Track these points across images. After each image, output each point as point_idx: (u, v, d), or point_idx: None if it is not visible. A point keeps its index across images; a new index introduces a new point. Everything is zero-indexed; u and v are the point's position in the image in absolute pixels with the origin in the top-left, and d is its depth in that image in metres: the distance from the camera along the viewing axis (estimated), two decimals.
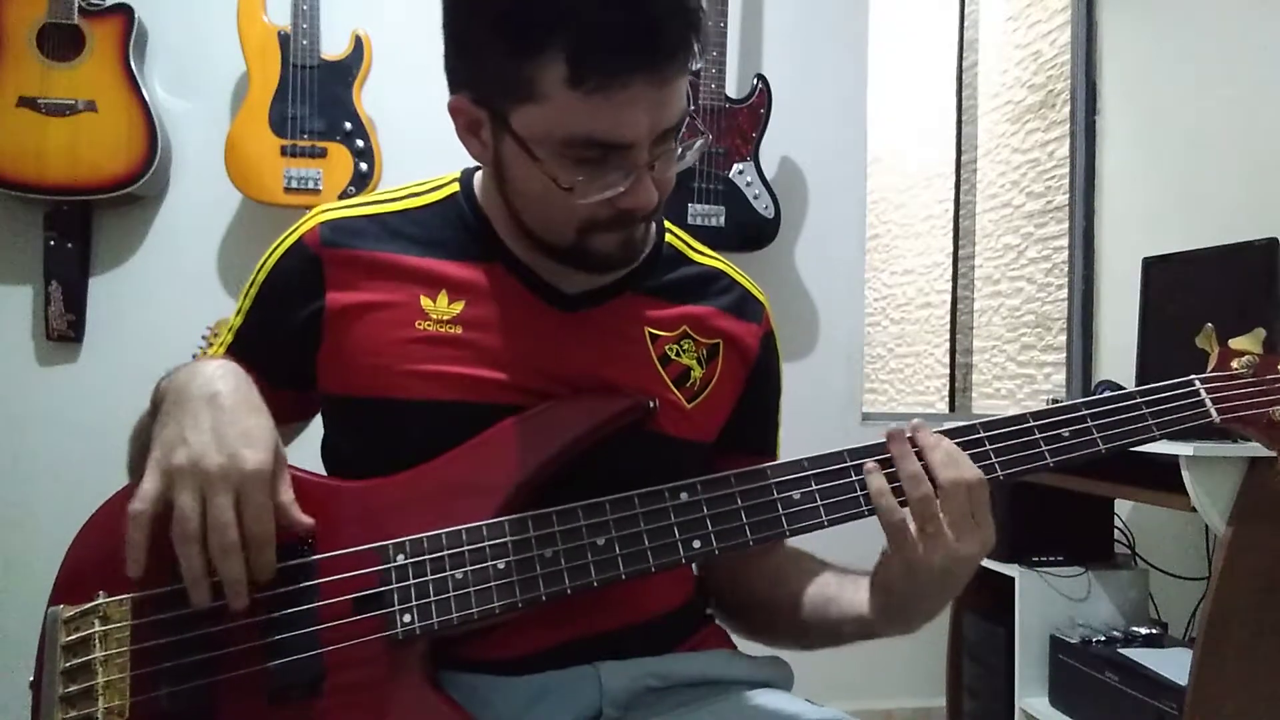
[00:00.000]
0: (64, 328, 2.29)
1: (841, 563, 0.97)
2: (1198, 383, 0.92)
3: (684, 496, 0.84)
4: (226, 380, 0.82)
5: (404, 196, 0.97)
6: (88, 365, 2.32)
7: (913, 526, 0.80)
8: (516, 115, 0.81)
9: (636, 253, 0.90)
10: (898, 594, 0.84)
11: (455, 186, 0.97)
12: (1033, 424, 0.88)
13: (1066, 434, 0.88)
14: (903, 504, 0.81)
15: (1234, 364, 0.94)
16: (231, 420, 0.79)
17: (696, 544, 0.83)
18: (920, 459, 0.82)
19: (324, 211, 0.94)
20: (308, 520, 0.80)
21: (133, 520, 0.75)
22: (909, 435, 0.83)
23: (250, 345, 0.94)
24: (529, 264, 0.92)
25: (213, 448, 0.77)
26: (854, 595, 0.89)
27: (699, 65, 2.40)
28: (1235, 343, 0.95)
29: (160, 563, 0.77)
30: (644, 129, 0.79)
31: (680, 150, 0.85)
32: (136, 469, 0.88)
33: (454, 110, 0.87)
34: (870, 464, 0.83)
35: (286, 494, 0.80)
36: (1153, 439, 0.90)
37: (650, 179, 0.83)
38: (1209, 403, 0.91)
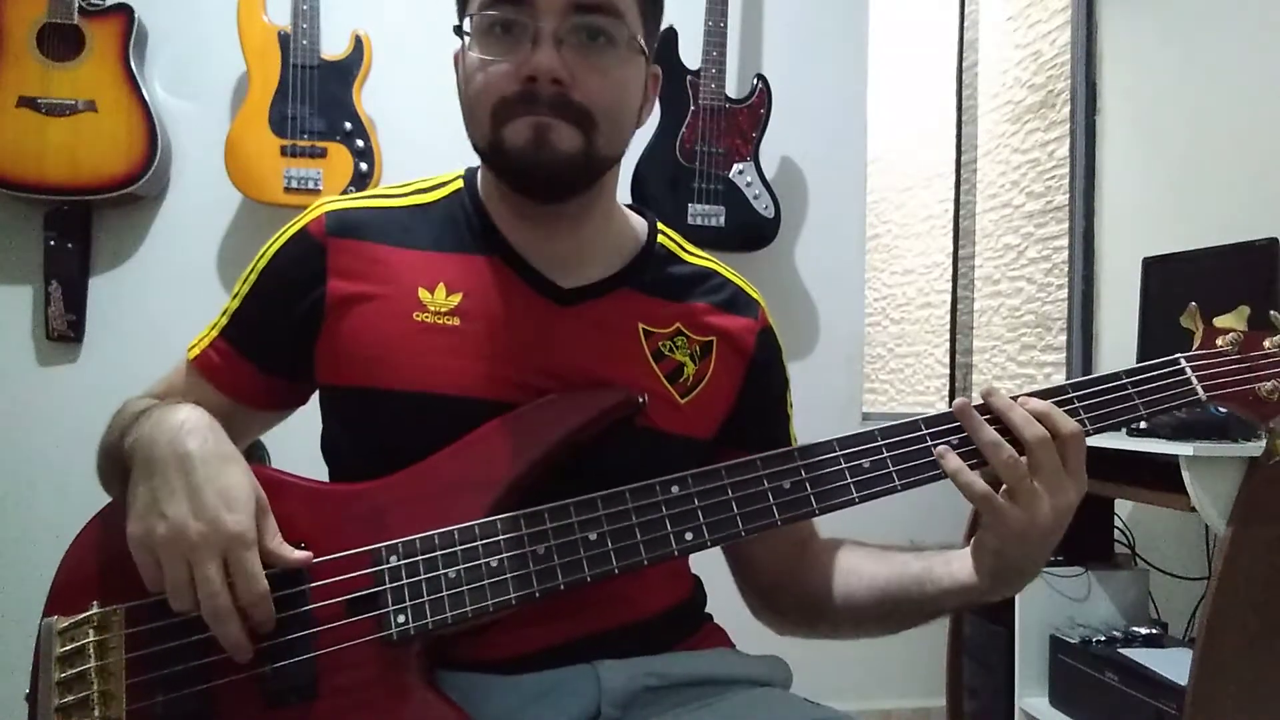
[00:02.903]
0: (64, 328, 2.29)
1: (885, 542, 0.99)
2: (1183, 361, 0.93)
3: (675, 490, 0.84)
4: (194, 435, 0.81)
5: (408, 193, 0.98)
6: (88, 365, 2.32)
7: (1002, 494, 0.82)
8: (464, 20, 0.89)
9: (556, 155, 0.86)
10: (1009, 557, 0.85)
11: (459, 184, 0.98)
12: None
13: None
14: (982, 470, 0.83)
15: (1219, 341, 0.95)
16: (206, 480, 0.78)
17: (689, 536, 0.83)
18: (996, 425, 0.83)
19: (328, 203, 0.95)
20: (303, 557, 0.80)
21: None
22: (979, 404, 0.85)
23: (246, 329, 0.95)
24: (527, 257, 0.93)
25: (190, 515, 0.76)
26: (948, 568, 0.90)
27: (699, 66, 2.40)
28: (1220, 321, 0.96)
29: None
30: None
31: (610, 32, 0.86)
32: (106, 486, 0.89)
33: (455, 62, 0.92)
34: (942, 448, 0.85)
35: (274, 540, 0.80)
36: (1139, 418, 0.90)
37: (558, 52, 0.84)
38: (1195, 380, 0.92)
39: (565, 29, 0.85)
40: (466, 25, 0.88)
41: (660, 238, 1.00)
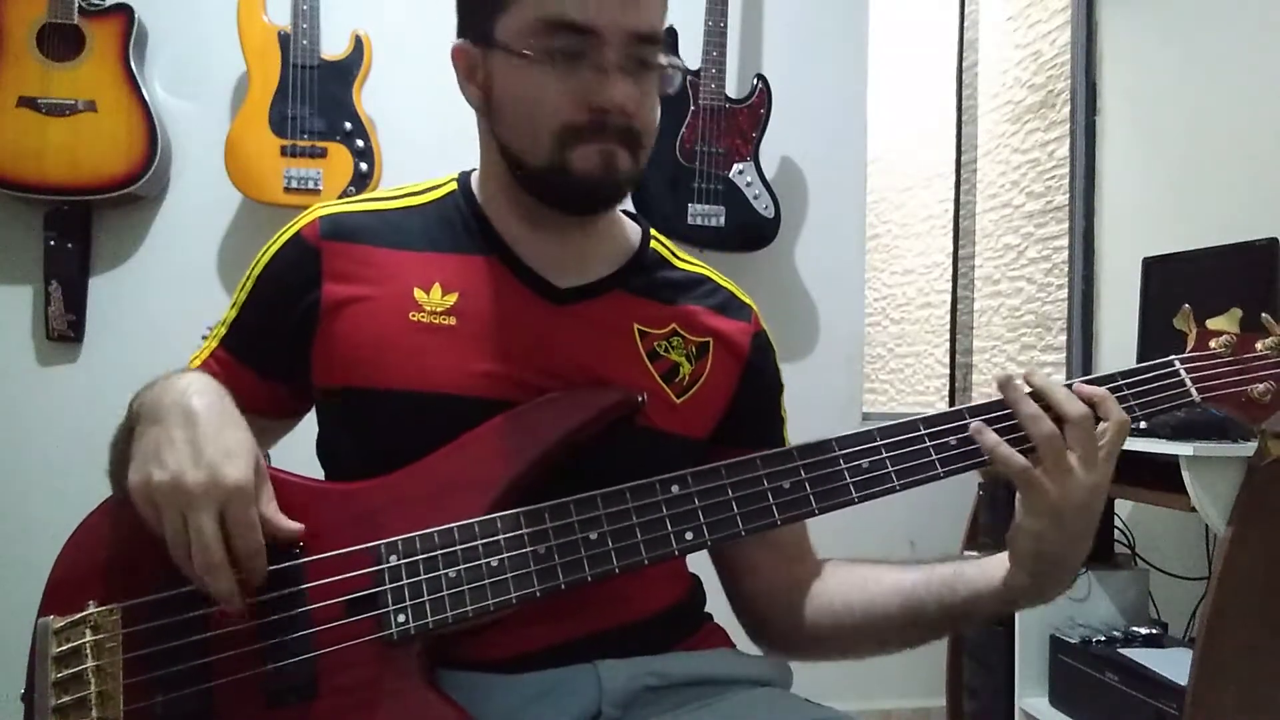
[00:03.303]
0: (64, 328, 2.29)
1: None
2: (1177, 363, 0.93)
3: (675, 489, 0.84)
4: (201, 395, 0.82)
5: (402, 196, 0.98)
6: (88, 365, 2.33)
7: (1042, 469, 0.82)
8: (499, 29, 0.87)
9: (617, 178, 0.88)
10: (1049, 541, 0.84)
11: (453, 185, 0.99)
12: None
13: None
14: (1024, 451, 0.83)
15: (1212, 344, 0.95)
16: (207, 435, 0.78)
17: (689, 535, 0.83)
18: (1038, 401, 0.84)
19: (322, 208, 0.96)
20: (295, 527, 0.80)
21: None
22: (1021, 380, 0.85)
23: (246, 336, 0.95)
24: (523, 257, 0.93)
25: (190, 465, 0.76)
26: (981, 567, 0.90)
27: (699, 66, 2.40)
28: (1212, 323, 0.96)
29: (150, 570, 0.78)
30: (611, 13, 0.83)
31: (658, 63, 0.88)
32: (116, 478, 0.89)
33: (454, 56, 0.92)
34: (976, 423, 0.85)
35: (269, 505, 0.80)
36: (1136, 419, 0.90)
37: (623, 82, 0.85)
38: (1189, 382, 0.92)
39: (624, 57, 0.85)
40: (519, 41, 0.86)
41: (653, 243, 1.01)
